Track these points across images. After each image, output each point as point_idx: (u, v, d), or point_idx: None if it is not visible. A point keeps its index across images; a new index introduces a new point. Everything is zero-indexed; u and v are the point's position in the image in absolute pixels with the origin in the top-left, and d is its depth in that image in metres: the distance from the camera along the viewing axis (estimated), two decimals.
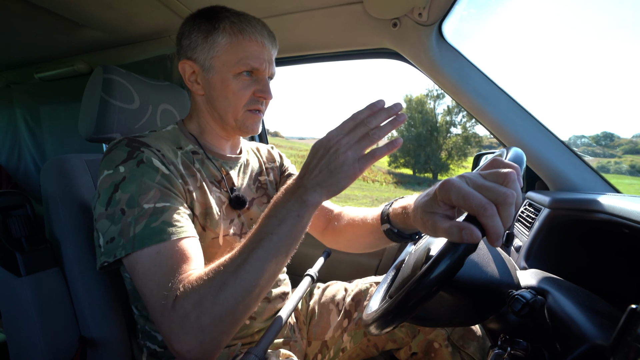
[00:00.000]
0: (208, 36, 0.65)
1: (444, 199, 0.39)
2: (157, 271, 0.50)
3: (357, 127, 0.47)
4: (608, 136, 49.06)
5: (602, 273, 0.69)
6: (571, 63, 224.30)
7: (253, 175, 0.82)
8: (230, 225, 0.70)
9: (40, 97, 1.83)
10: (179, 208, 0.57)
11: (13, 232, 0.68)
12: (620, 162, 38.69)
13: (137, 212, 0.53)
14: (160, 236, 0.52)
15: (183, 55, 0.69)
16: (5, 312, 0.70)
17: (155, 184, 0.56)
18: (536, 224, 0.77)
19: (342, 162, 0.46)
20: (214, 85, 0.67)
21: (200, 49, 0.66)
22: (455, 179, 0.39)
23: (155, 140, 0.63)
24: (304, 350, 0.83)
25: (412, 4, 0.91)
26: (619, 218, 0.59)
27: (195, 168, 0.67)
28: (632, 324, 0.32)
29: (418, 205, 0.45)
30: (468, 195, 0.35)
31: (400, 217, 0.60)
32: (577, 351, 0.43)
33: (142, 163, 0.57)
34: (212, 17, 0.65)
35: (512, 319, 0.55)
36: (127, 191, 0.54)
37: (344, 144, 0.46)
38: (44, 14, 1.09)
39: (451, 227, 0.36)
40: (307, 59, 1.28)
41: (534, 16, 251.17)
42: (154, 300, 0.49)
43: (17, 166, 2.04)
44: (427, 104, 27.96)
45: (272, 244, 0.48)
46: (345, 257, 1.41)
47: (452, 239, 0.36)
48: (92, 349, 0.69)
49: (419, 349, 0.77)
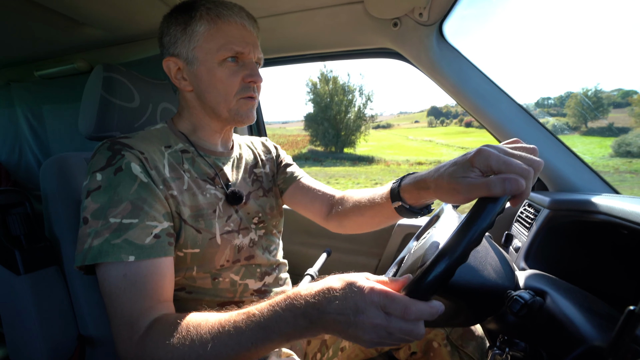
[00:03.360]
0: (186, 27, 0.63)
1: (482, 165, 0.41)
2: (121, 294, 0.50)
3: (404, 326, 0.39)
4: (571, 96, 52.44)
5: (601, 274, 0.69)
6: (538, 23, 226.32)
7: (248, 169, 0.81)
8: (227, 222, 0.69)
9: (41, 95, 1.83)
10: (148, 224, 0.54)
11: (12, 230, 0.68)
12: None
13: (101, 224, 0.52)
14: (118, 255, 0.50)
15: (166, 53, 0.67)
16: (4, 310, 0.70)
17: (129, 196, 0.54)
18: (535, 225, 0.78)
19: (375, 336, 0.39)
20: (201, 77, 0.65)
21: (180, 42, 0.64)
22: (489, 148, 0.42)
23: (142, 141, 0.62)
24: (304, 349, 0.83)
25: (412, 4, 0.91)
26: (617, 219, 0.59)
27: (184, 169, 0.65)
28: (630, 325, 0.32)
29: (444, 174, 0.46)
30: (509, 161, 0.39)
31: (413, 194, 0.59)
32: (575, 352, 0.43)
33: (120, 171, 0.55)
34: (188, 8, 0.64)
35: (510, 319, 0.55)
36: (97, 201, 0.54)
37: (396, 328, 0.39)
38: (44, 11, 1.08)
39: (491, 180, 0.39)
40: (307, 59, 1.28)
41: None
42: (117, 324, 0.50)
43: (18, 164, 2.03)
44: (325, 85, 31.46)
45: (257, 349, 0.44)
46: (344, 256, 1.41)
47: (494, 192, 0.38)
48: (91, 347, 0.69)
49: (418, 349, 0.77)
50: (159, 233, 0.55)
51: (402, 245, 1.31)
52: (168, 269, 0.56)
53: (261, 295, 0.75)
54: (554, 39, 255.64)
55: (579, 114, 29.19)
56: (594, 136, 28.77)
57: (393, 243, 1.32)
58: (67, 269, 0.70)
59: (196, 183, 0.66)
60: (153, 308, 0.52)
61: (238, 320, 0.45)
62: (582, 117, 29.82)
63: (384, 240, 1.35)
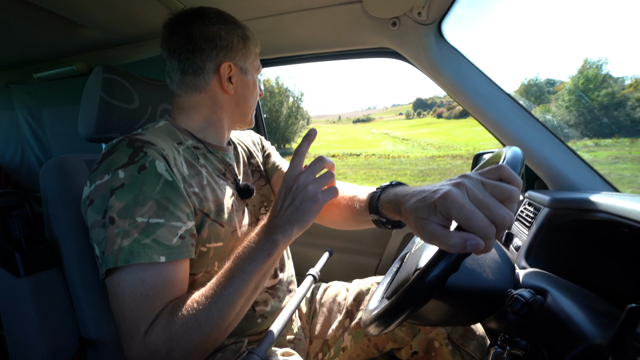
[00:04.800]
0: (246, 43, 0.71)
1: (444, 212, 0.38)
2: (135, 298, 0.49)
3: (312, 163, 0.53)
4: (551, 83, 55.00)
5: (602, 272, 0.69)
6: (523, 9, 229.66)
7: (246, 161, 0.83)
8: (242, 215, 0.70)
9: (40, 97, 1.83)
10: (174, 225, 0.54)
11: (12, 233, 0.68)
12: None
13: (129, 224, 0.51)
14: (150, 255, 0.50)
15: (221, 56, 0.68)
16: (5, 312, 0.70)
17: (154, 195, 0.53)
18: (535, 224, 0.78)
19: (305, 196, 0.51)
20: (247, 86, 0.73)
21: (240, 54, 0.70)
22: (457, 192, 0.37)
23: (156, 137, 0.60)
24: (306, 349, 0.84)
25: (411, 3, 0.91)
26: (618, 217, 0.59)
27: (200, 164, 0.66)
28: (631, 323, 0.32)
29: (411, 209, 0.43)
30: (470, 216, 0.36)
31: (390, 211, 0.58)
32: (576, 350, 0.43)
33: (144, 169, 0.54)
34: (239, 25, 0.71)
35: (511, 318, 0.55)
36: (122, 199, 0.52)
37: (302, 179, 0.52)
38: (43, 13, 1.08)
39: (453, 237, 0.36)
40: (307, 59, 1.28)
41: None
42: (125, 328, 0.49)
43: (20, 166, 2.03)
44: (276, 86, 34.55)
45: (243, 282, 0.50)
46: (345, 257, 1.41)
47: (451, 250, 0.36)
48: (92, 350, 0.69)
49: (419, 348, 0.77)
50: (183, 234, 0.55)
51: (402, 245, 1.31)
52: (185, 273, 0.56)
53: (273, 292, 0.75)
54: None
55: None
56: None
57: (394, 243, 1.33)
58: (68, 271, 0.70)
59: (213, 178, 0.67)
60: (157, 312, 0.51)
61: (218, 281, 0.51)
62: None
63: (384, 240, 1.35)
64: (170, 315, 0.49)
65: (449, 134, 39.23)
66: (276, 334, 0.61)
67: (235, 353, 0.67)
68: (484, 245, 0.35)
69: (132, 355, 0.49)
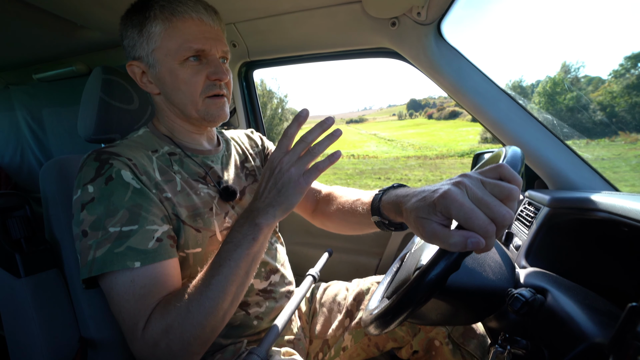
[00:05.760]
0: (142, 29, 0.60)
1: (444, 211, 0.38)
2: (129, 299, 0.51)
3: (296, 144, 0.50)
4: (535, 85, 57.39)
5: (602, 271, 0.69)
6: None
7: (238, 164, 0.80)
8: (225, 218, 0.69)
9: (40, 98, 1.83)
10: (149, 229, 0.54)
11: (12, 233, 0.68)
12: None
13: (101, 235, 0.52)
14: (123, 262, 0.51)
15: (129, 57, 0.65)
16: (5, 313, 0.70)
17: (124, 203, 0.54)
18: (536, 223, 0.78)
19: (288, 179, 0.49)
20: (164, 80, 0.63)
21: (139, 45, 0.62)
22: (456, 191, 0.38)
23: (127, 148, 0.61)
24: (306, 349, 0.83)
25: (410, 3, 0.91)
26: (618, 216, 0.59)
27: (174, 170, 0.65)
28: (632, 322, 0.32)
29: (411, 208, 0.44)
30: (470, 214, 0.36)
31: (391, 212, 0.59)
32: (576, 349, 0.43)
33: (111, 180, 0.55)
34: (142, 8, 0.61)
35: (512, 317, 0.55)
36: (93, 213, 0.53)
37: (285, 162, 0.49)
38: (42, 14, 1.08)
39: (454, 235, 0.36)
40: (306, 59, 1.28)
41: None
42: (126, 327, 0.51)
43: (20, 167, 2.03)
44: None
45: (231, 269, 0.50)
46: (345, 256, 1.41)
47: (452, 248, 0.37)
48: (93, 350, 0.69)
49: (420, 347, 0.77)
50: (160, 236, 0.56)
51: (402, 244, 1.31)
52: (174, 269, 0.57)
53: (266, 295, 0.75)
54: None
55: None
56: None
57: (394, 243, 1.33)
58: (68, 271, 0.70)
59: (188, 183, 0.65)
60: (153, 306, 0.53)
61: (206, 270, 0.51)
62: None
63: (384, 239, 1.35)
64: (163, 308, 0.50)
65: (433, 135, 39.29)
66: (276, 334, 0.61)
67: (235, 353, 0.67)
68: (484, 243, 0.35)
69: (136, 351, 0.51)
